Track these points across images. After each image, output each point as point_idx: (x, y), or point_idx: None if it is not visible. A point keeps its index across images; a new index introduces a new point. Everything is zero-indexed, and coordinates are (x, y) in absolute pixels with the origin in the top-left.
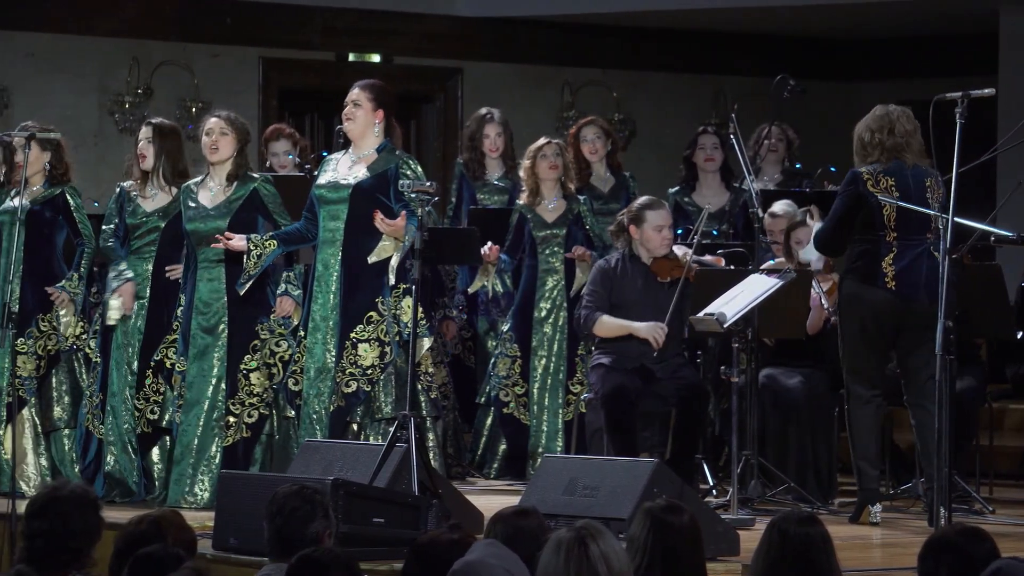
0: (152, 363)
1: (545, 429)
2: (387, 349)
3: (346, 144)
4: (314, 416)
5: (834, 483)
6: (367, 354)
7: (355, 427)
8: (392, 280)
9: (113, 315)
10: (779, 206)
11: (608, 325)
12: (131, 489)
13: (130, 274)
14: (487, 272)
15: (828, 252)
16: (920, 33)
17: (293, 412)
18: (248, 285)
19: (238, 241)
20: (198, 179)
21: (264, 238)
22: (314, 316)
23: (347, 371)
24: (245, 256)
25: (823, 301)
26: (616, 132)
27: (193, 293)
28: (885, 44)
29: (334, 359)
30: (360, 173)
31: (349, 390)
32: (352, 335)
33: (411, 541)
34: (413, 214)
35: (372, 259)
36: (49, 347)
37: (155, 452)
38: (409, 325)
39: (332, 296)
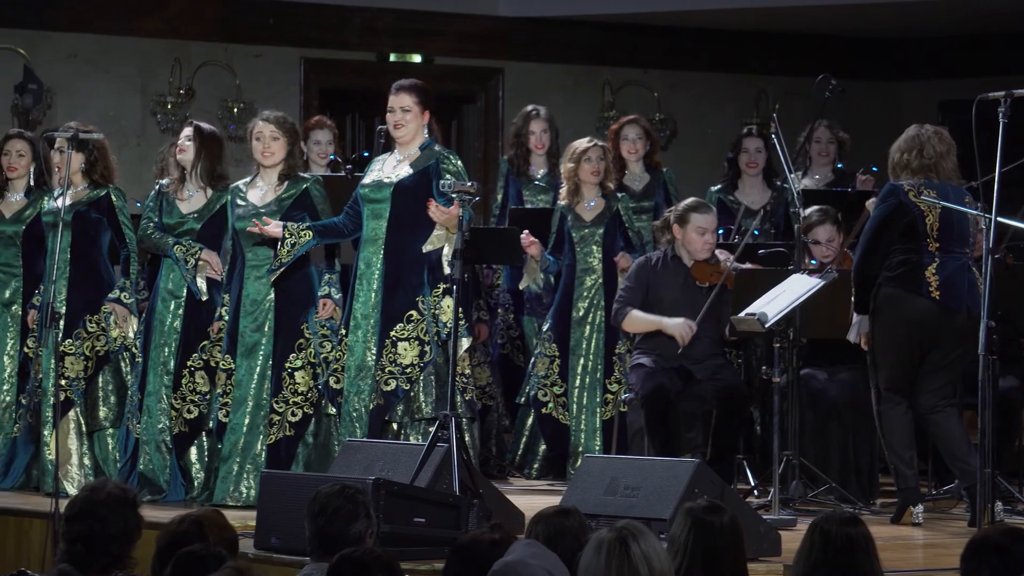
0: (189, 363)
1: (584, 428)
2: (427, 348)
3: (387, 146)
4: (354, 414)
5: (876, 483)
6: (406, 353)
7: (395, 426)
8: (447, 269)
9: (203, 289)
10: (811, 212)
11: (638, 320)
12: (161, 488)
13: (196, 245)
14: (533, 269)
15: (868, 264)
16: (963, 32)
17: (335, 410)
18: (279, 272)
19: (274, 227)
20: (247, 179)
21: (300, 227)
22: (355, 314)
23: (386, 369)
24: (279, 243)
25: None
26: (657, 132)
27: (240, 292)
28: (928, 43)
29: (374, 357)
30: (403, 172)
31: (388, 388)
32: (392, 333)
33: (452, 541)
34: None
35: (427, 248)
36: (97, 348)
37: (193, 452)
38: (448, 325)
39: (374, 295)
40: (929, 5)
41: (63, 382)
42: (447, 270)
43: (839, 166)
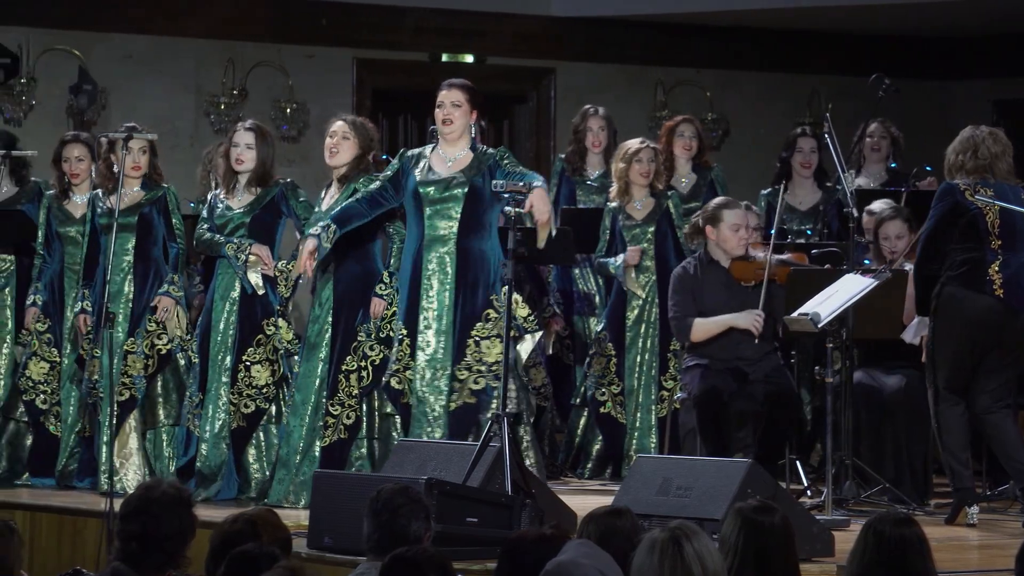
0: (244, 358)
1: (639, 426)
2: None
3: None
4: (432, 414)
5: (930, 484)
6: (490, 350)
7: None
8: (554, 231)
9: (258, 284)
10: (877, 204)
11: (704, 327)
12: (217, 485)
13: (247, 241)
14: (632, 280)
15: (927, 265)
16: (1016, 31)
17: (394, 410)
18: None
19: (310, 251)
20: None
21: (327, 232)
22: (424, 313)
23: (473, 368)
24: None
25: None
26: (709, 132)
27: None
28: (981, 42)
29: (451, 357)
30: (467, 173)
31: (478, 387)
32: (473, 332)
33: (504, 541)
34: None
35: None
36: (158, 346)
37: (251, 451)
38: (519, 320)
39: (448, 294)
40: (982, 3)
41: (126, 380)
42: (554, 232)
43: (892, 165)
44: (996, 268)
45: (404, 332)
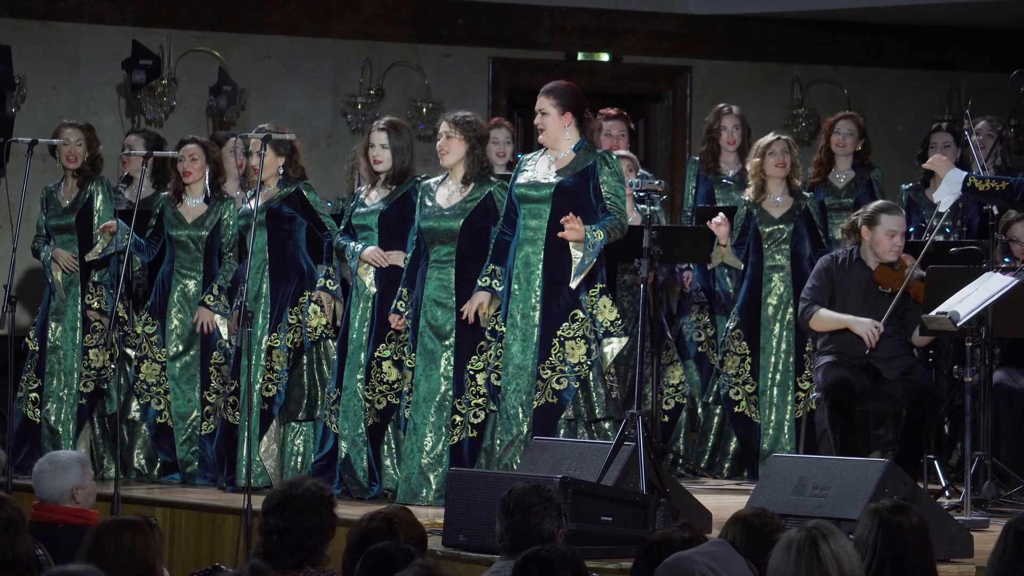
0: (376, 354)
1: (774, 426)
2: (592, 347)
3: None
4: (511, 411)
5: None
6: (574, 351)
7: (569, 422)
8: (573, 284)
9: (366, 283)
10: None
11: (825, 319)
12: (361, 483)
13: (360, 244)
14: (721, 252)
15: None
16: None
17: (495, 406)
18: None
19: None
20: (439, 178)
21: (499, 277)
22: (513, 313)
23: (557, 368)
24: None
25: None
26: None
27: (423, 290)
28: None
29: (535, 357)
30: (561, 173)
31: (561, 387)
32: (559, 332)
33: (639, 540)
34: (608, 213)
35: (574, 283)
36: (296, 340)
37: (384, 449)
38: (604, 324)
39: (534, 294)
40: None
41: (271, 375)
42: (573, 285)
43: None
44: None
45: (502, 329)
